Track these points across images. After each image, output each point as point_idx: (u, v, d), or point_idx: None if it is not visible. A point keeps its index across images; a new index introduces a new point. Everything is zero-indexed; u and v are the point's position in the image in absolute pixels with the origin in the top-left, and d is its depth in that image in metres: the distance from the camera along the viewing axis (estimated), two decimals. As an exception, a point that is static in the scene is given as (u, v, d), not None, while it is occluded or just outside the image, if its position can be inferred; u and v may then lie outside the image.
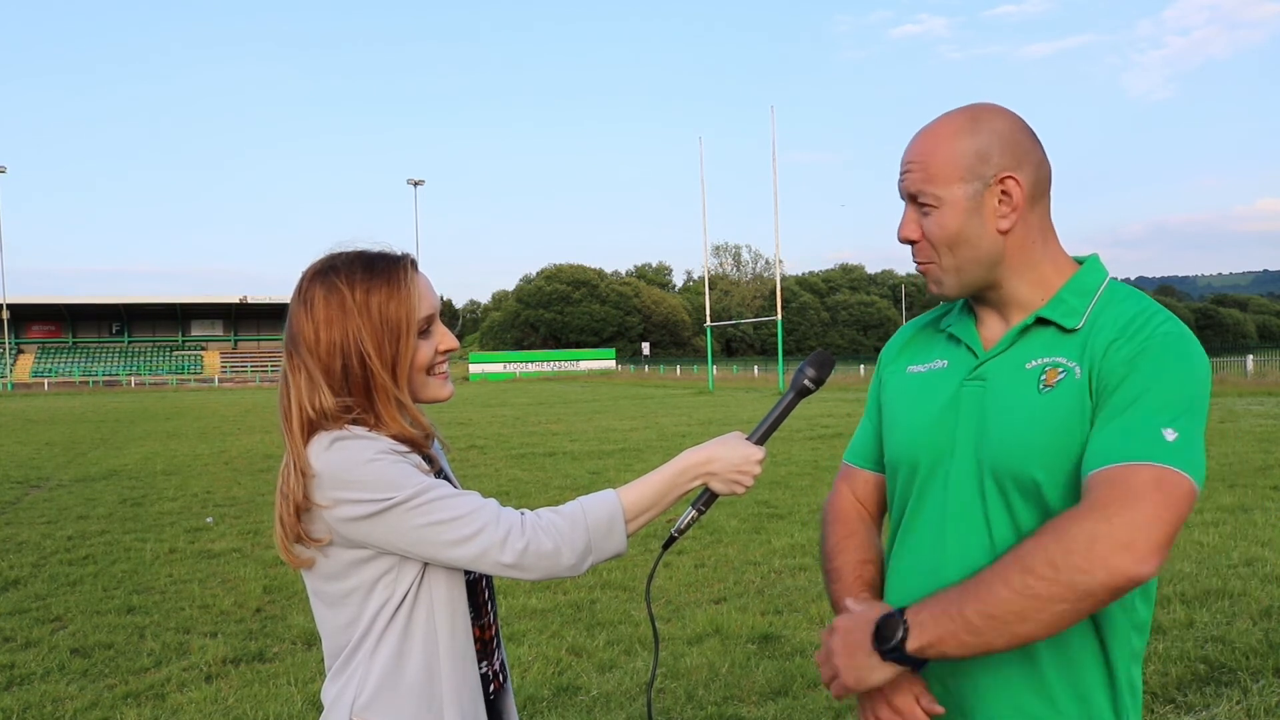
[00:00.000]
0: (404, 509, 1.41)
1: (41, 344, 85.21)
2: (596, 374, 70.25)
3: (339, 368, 1.49)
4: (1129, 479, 1.25)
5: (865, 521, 1.69)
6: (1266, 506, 8.39)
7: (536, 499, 10.40)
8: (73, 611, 6.18)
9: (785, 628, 5.31)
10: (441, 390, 1.60)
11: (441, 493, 1.44)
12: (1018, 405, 1.42)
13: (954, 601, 1.30)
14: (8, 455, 17.32)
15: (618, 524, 1.48)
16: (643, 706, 4.26)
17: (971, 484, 1.46)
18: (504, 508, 1.47)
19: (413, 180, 76.37)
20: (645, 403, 30.91)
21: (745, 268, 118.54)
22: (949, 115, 1.49)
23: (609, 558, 1.51)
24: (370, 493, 1.41)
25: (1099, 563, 1.20)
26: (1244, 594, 5.57)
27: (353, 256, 1.54)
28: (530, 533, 1.43)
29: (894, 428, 1.61)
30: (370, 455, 1.43)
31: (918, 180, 1.46)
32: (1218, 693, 4.15)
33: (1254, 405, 20.27)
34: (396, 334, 1.50)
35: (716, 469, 1.55)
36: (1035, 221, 1.46)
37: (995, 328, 1.52)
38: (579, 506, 1.49)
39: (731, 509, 9.24)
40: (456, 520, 1.42)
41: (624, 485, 1.52)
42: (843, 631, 1.42)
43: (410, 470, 1.45)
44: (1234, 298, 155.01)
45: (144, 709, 4.44)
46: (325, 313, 1.49)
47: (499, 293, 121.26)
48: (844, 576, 1.61)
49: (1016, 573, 1.25)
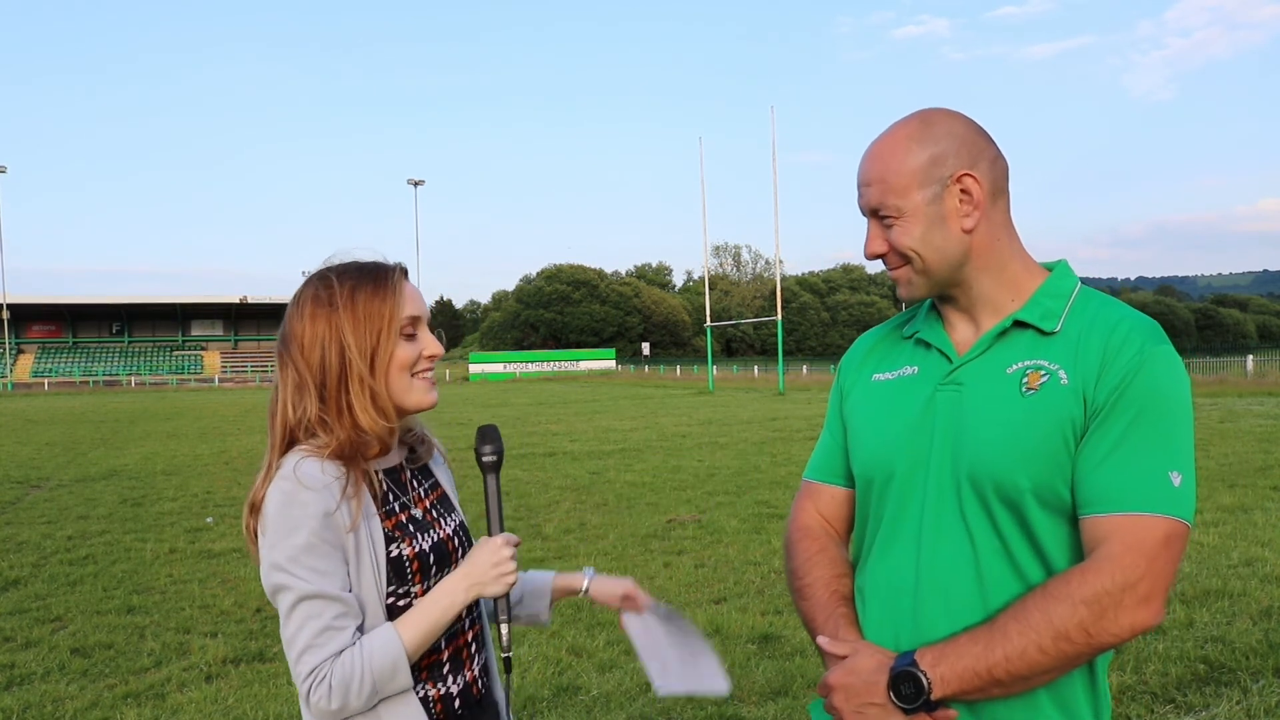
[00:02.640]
0: (287, 594, 1.46)
1: (41, 344, 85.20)
2: (596, 374, 70.21)
3: (318, 360, 1.52)
4: (1142, 534, 1.31)
5: (833, 538, 1.64)
6: (1266, 506, 8.38)
7: (536, 499, 10.41)
8: (73, 611, 6.18)
9: (785, 628, 5.31)
10: (426, 397, 1.60)
11: (314, 610, 1.45)
12: (1000, 410, 1.40)
13: (979, 658, 1.32)
14: (8, 455, 17.31)
15: (401, 667, 1.48)
16: (643, 706, 4.26)
17: (949, 494, 1.42)
18: (339, 653, 1.45)
19: (413, 180, 76.36)
20: (645, 403, 30.90)
21: (745, 268, 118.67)
22: (898, 125, 1.47)
23: (392, 694, 1.51)
24: (277, 556, 1.46)
25: (1125, 622, 1.29)
26: (1244, 594, 5.57)
27: (347, 263, 1.60)
28: (326, 691, 1.44)
29: (864, 439, 1.56)
30: (305, 526, 1.45)
31: (876, 195, 1.44)
32: (1218, 693, 4.15)
33: (1254, 405, 20.26)
34: (377, 327, 1.53)
35: (475, 579, 1.53)
36: (998, 218, 1.45)
37: (966, 331, 1.50)
38: (365, 663, 1.46)
39: (731, 509, 9.24)
40: (295, 642, 1.46)
41: (404, 620, 1.51)
42: (844, 689, 1.39)
43: (320, 562, 1.46)
44: (1234, 298, 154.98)
45: (144, 709, 4.44)
46: (313, 309, 1.55)
47: (499, 293, 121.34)
48: (816, 593, 1.56)
49: (1050, 639, 1.29)
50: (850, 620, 1.51)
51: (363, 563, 1.50)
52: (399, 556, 1.53)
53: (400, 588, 1.53)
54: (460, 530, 1.68)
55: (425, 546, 1.57)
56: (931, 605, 1.42)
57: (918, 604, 1.43)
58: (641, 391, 40.51)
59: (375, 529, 1.52)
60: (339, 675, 1.44)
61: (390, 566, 1.53)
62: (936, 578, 1.42)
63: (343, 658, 1.45)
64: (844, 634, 1.49)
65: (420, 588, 1.55)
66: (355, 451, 1.53)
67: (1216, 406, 20.07)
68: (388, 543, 1.53)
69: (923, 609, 1.42)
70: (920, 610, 1.43)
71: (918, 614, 1.43)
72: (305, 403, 1.53)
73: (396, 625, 1.50)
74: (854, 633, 1.50)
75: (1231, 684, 4.22)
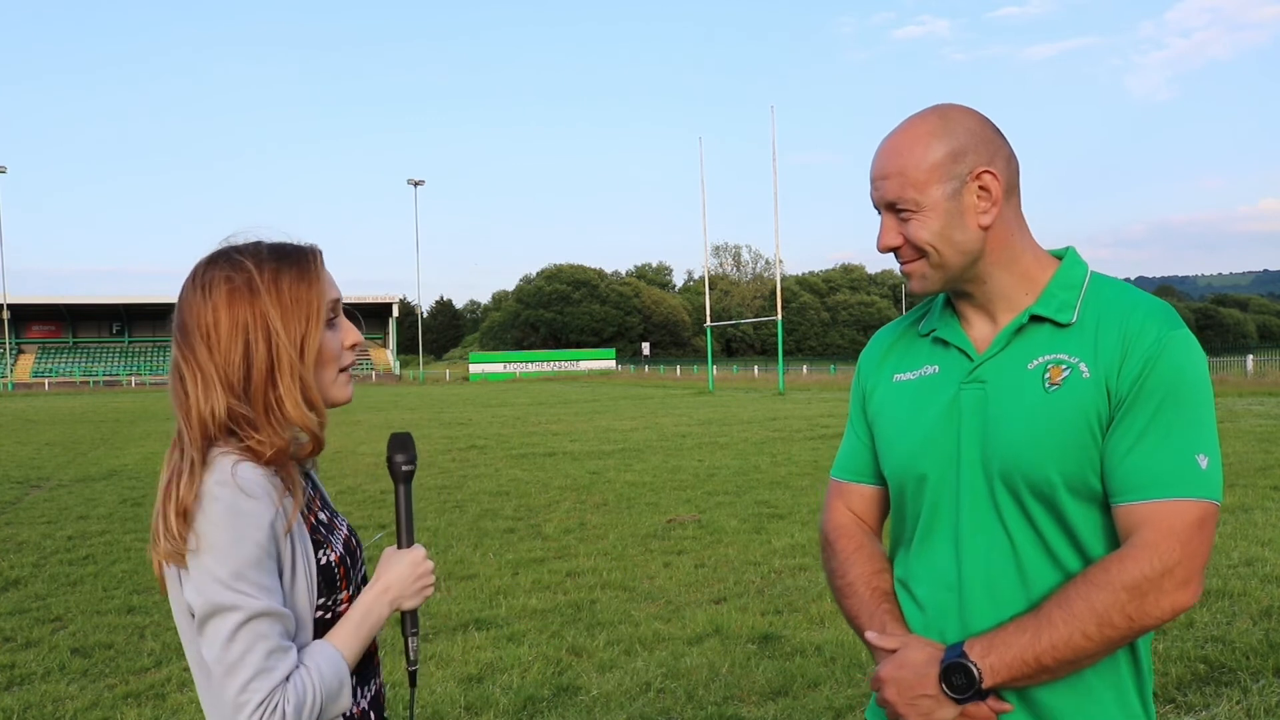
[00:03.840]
0: (233, 613, 1.30)
1: (42, 344, 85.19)
2: (596, 374, 70.23)
3: (240, 353, 1.39)
4: (1175, 519, 1.34)
5: (869, 534, 1.65)
6: (1266, 506, 8.39)
7: (536, 499, 10.41)
8: (73, 611, 6.18)
9: (785, 628, 5.31)
10: (344, 391, 1.52)
11: (262, 630, 1.31)
12: (1025, 406, 1.41)
13: (1026, 647, 1.35)
14: (8, 455, 17.31)
15: (346, 684, 1.40)
16: (643, 706, 4.26)
17: (982, 492, 1.44)
18: (287, 677, 1.33)
19: (413, 180, 76.40)
20: (645, 403, 30.90)
21: (745, 268, 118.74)
22: (915, 119, 1.47)
23: (332, 716, 1.42)
24: (220, 571, 1.31)
25: (1166, 605, 1.33)
26: (1244, 594, 5.57)
27: (254, 243, 1.47)
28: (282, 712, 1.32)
29: (893, 442, 1.56)
30: (251, 538, 1.32)
31: (894, 188, 1.44)
32: (1218, 693, 4.15)
33: (1254, 405, 20.27)
34: (306, 314, 1.43)
35: (396, 592, 1.48)
36: (1011, 214, 1.47)
37: (984, 328, 1.51)
38: (316, 684, 1.35)
39: (731, 509, 9.24)
40: (241, 666, 1.30)
41: (337, 632, 1.42)
42: (896, 682, 1.42)
43: (266, 578, 1.34)
44: (1234, 298, 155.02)
45: (144, 709, 4.44)
46: (229, 293, 1.40)
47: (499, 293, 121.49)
48: (858, 590, 1.57)
49: (1094, 626, 1.33)
50: (895, 615, 1.53)
51: (297, 574, 1.39)
52: (328, 564, 1.45)
53: (329, 598, 1.45)
54: (352, 532, 1.59)
55: (341, 550, 1.49)
56: (976, 599, 1.44)
57: (962, 598, 1.46)
58: (641, 391, 40.52)
59: (306, 536, 1.43)
60: (294, 701, 1.32)
61: (320, 576, 1.43)
62: (978, 572, 1.44)
63: (293, 681, 1.33)
64: (891, 629, 1.51)
65: (346, 594, 1.47)
66: (291, 452, 1.42)
67: (1216, 406, 20.01)
68: (315, 549, 1.44)
69: (967, 603, 1.45)
70: (965, 604, 1.45)
71: (963, 608, 1.46)
72: (220, 399, 1.39)
73: (332, 641, 1.41)
74: (900, 627, 1.52)
75: (1231, 684, 4.22)
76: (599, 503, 10.04)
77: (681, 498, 10.14)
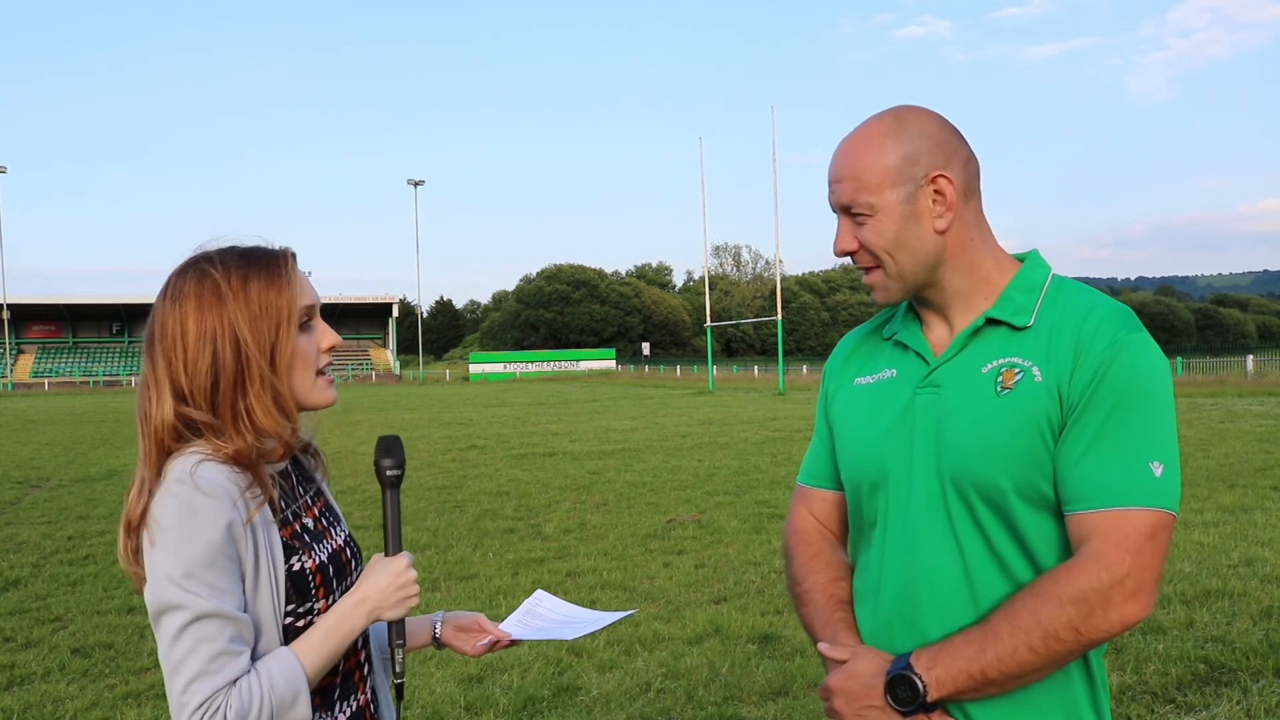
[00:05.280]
0: (179, 613, 1.28)
1: (42, 344, 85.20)
2: (596, 374, 70.22)
3: (208, 361, 1.37)
4: (1126, 529, 1.30)
5: (829, 540, 1.64)
6: (1266, 506, 8.38)
7: (536, 499, 10.41)
8: (73, 611, 6.18)
9: (785, 628, 5.31)
10: (326, 395, 1.49)
11: (208, 632, 1.28)
12: (977, 410, 1.39)
13: (972, 659, 1.32)
14: (8, 455, 17.32)
15: (302, 695, 1.36)
16: (643, 706, 4.26)
17: (934, 496, 1.42)
18: (234, 681, 1.30)
19: (413, 180, 76.45)
20: (645, 403, 30.89)
21: (745, 268, 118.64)
22: (871, 121, 1.46)
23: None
24: (171, 569, 1.29)
25: (1115, 618, 1.29)
26: (1244, 594, 5.57)
27: (226, 249, 1.45)
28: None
29: (848, 444, 1.55)
30: (204, 537, 1.30)
31: (849, 191, 1.43)
32: (1218, 693, 4.15)
33: (1254, 405, 20.26)
34: (276, 321, 1.40)
35: (375, 603, 1.43)
36: (970, 218, 1.45)
37: (942, 332, 1.49)
38: (266, 691, 1.32)
39: (731, 509, 9.24)
40: (184, 667, 1.29)
41: (302, 641, 1.39)
42: (844, 693, 1.40)
43: (219, 578, 1.31)
44: (1234, 298, 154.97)
45: (144, 709, 4.45)
46: (197, 302, 1.38)
47: (499, 293, 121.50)
48: (814, 598, 1.56)
49: (1040, 639, 1.30)
50: (849, 625, 1.52)
51: (260, 578, 1.35)
52: (301, 571, 1.41)
53: (301, 605, 1.41)
54: (350, 543, 1.56)
55: (324, 558, 1.46)
56: (925, 608, 1.42)
57: (913, 607, 1.43)
58: (641, 391, 40.52)
59: (275, 541, 1.38)
60: (236, 707, 1.28)
61: (290, 582, 1.39)
62: (927, 581, 1.42)
63: (239, 686, 1.29)
64: (843, 638, 1.49)
65: (325, 603, 1.44)
66: (258, 457, 1.39)
67: (1216, 406, 20.08)
68: (287, 555, 1.40)
69: (918, 612, 1.43)
70: (916, 613, 1.43)
71: (913, 617, 1.43)
72: (169, 406, 1.37)
73: (295, 649, 1.37)
74: (853, 637, 1.50)
75: (1231, 684, 4.22)
76: (599, 503, 10.04)
77: (681, 498, 10.14)
